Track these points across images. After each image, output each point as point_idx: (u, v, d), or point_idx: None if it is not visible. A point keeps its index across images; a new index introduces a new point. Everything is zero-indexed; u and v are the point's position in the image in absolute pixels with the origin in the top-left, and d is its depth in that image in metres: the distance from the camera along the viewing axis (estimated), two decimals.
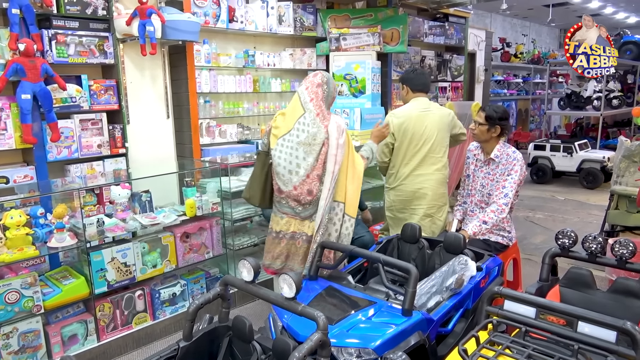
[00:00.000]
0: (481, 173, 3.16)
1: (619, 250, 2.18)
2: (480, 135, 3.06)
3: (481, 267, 2.58)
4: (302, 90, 2.78)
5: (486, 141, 3.08)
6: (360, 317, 2.14)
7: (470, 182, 3.24)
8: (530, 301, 1.83)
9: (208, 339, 1.94)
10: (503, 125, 3.02)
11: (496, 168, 3.06)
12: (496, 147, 3.07)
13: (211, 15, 4.19)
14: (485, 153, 3.13)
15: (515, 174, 2.96)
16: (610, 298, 2.16)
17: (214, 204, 3.31)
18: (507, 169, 3.00)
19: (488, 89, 8.65)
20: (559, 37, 15.04)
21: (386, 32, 5.21)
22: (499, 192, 2.96)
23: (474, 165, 3.23)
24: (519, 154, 3.06)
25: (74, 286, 2.71)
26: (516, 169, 2.97)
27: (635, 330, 1.62)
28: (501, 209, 2.92)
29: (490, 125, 3.01)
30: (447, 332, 2.33)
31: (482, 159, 3.16)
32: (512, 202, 3.05)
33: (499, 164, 3.05)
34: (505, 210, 2.92)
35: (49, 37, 3.17)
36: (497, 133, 3.04)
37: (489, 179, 3.10)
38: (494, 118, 2.99)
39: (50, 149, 3.29)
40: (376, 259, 2.35)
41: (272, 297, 1.76)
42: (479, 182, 3.16)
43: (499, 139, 3.08)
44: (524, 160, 3.06)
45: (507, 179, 2.97)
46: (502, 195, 2.95)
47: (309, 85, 2.78)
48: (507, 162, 3.01)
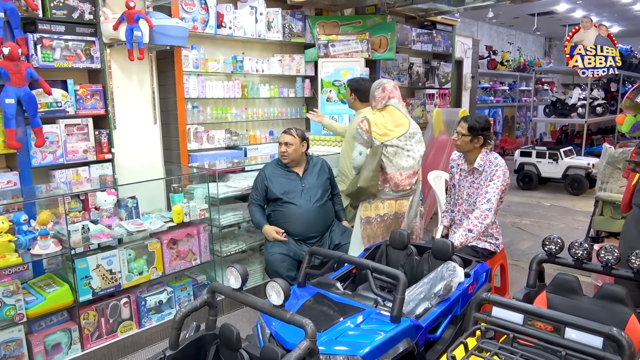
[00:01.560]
0: (466, 183, 3.18)
1: (605, 256, 2.20)
2: (463, 146, 3.08)
3: (469, 273, 2.59)
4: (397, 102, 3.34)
5: (470, 151, 3.10)
6: (348, 324, 2.12)
7: (457, 191, 3.26)
8: (518, 307, 1.83)
9: (195, 348, 1.91)
10: (485, 135, 3.05)
11: (480, 176, 3.08)
12: (479, 156, 3.09)
13: (199, 21, 4.17)
14: (469, 162, 3.15)
15: (497, 179, 2.98)
16: (596, 304, 2.18)
17: (201, 210, 3.28)
18: (489, 174, 3.02)
19: (475, 96, 8.73)
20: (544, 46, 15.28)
21: (374, 39, 5.24)
22: (481, 198, 2.98)
23: (458, 175, 3.25)
24: (501, 160, 3.07)
25: (57, 294, 2.66)
26: (498, 174, 2.99)
27: (621, 336, 1.63)
28: (484, 215, 2.92)
29: (473, 135, 3.03)
30: (435, 339, 2.32)
31: (466, 168, 3.18)
32: (497, 208, 3.05)
33: (483, 172, 3.07)
34: (488, 216, 2.92)
35: (34, 41, 3.13)
36: (480, 143, 3.06)
37: (474, 187, 3.12)
38: (477, 129, 3.01)
39: (34, 154, 3.24)
40: (365, 265, 2.35)
41: (260, 304, 1.74)
42: (465, 191, 3.18)
43: (481, 148, 3.10)
44: (507, 166, 3.08)
45: (489, 185, 2.98)
46: (484, 201, 2.96)
47: (397, 94, 3.34)
48: (489, 168, 3.04)
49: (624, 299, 2.13)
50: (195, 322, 2.02)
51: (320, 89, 4.98)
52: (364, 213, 3.28)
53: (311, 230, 3.27)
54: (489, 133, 3.07)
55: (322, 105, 4.96)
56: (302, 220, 3.25)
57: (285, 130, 3.38)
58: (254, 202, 3.37)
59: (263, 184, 3.35)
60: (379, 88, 3.42)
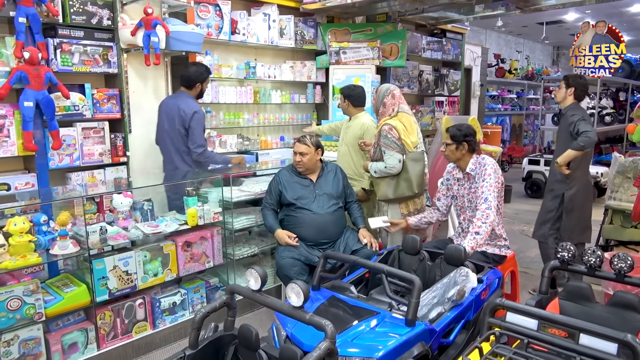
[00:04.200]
0: (464, 190, 3.25)
1: (618, 264, 2.22)
2: (451, 155, 3.19)
3: (482, 279, 2.61)
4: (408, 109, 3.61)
5: (459, 159, 3.19)
6: (363, 327, 2.16)
7: (458, 202, 3.33)
8: (532, 313, 1.85)
9: (214, 348, 1.95)
10: (469, 141, 3.13)
11: (475, 180, 3.16)
12: (470, 162, 3.17)
13: (214, 27, 4.24)
14: (462, 170, 3.23)
15: (488, 177, 3.04)
16: (609, 311, 2.20)
17: (215, 214, 3.32)
18: (481, 175, 3.09)
19: (483, 103, 8.76)
20: (552, 54, 15.29)
21: (385, 46, 5.29)
22: (479, 199, 3.05)
23: (456, 185, 3.32)
24: (489, 159, 3.15)
25: (75, 294, 2.70)
26: (488, 172, 3.06)
27: (636, 342, 1.65)
28: (486, 215, 2.97)
29: (457, 143, 3.12)
30: (448, 343, 2.35)
31: (460, 176, 3.26)
32: (500, 208, 3.12)
33: (476, 175, 3.15)
34: (490, 215, 2.97)
35: (54, 45, 3.20)
36: (466, 149, 3.14)
37: (472, 193, 3.19)
38: (459, 136, 3.11)
39: (51, 156, 3.30)
40: (380, 269, 2.38)
41: (279, 305, 1.77)
42: (466, 198, 3.24)
43: (471, 154, 3.18)
44: (497, 165, 3.15)
45: (483, 185, 3.05)
46: (482, 201, 3.02)
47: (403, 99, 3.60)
48: (481, 170, 3.12)
49: (637, 307, 2.15)
50: (214, 322, 2.05)
51: (331, 96, 5.03)
52: (405, 209, 3.55)
53: (323, 236, 3.30)
54: (473, 139, 3.15)
55: (334, 112, 5.00)
56: (314, 226, 3.28)
57: (300, 140, 3.39)
58: (268, 207, 3.41)
59: (277, 188, 3.39)
60: (388, 95, 3.50)
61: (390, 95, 3.52)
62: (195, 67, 3.69)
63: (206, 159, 3.65)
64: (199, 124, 3.55)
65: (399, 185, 3.46)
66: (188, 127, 3.53)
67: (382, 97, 3.53)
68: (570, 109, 3.85)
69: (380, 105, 3.54)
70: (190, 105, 3.56)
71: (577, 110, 3.80)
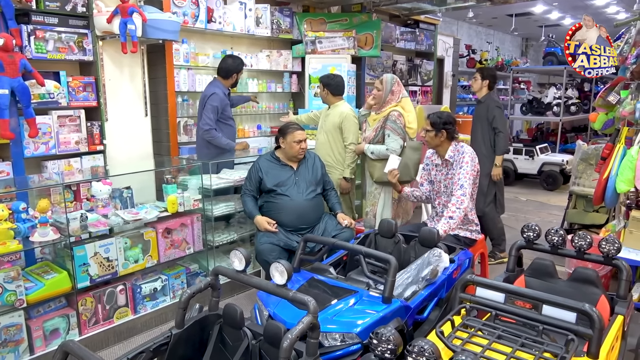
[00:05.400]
0: (441, 176, 3.39)
1: (578, 242, 2.38)
2: (431, 142, 3.33)
3: (453, 259, 2.75)
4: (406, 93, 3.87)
5: (438, 145, 3.33)
6: (342, 305, 2.26)
7: (435, 187, 3.46)
8: (500, 287, 1.99)
9: (199, 327, 2.01)
10: (448, 129, 3.27)
11: (452, 167, 3.30)
12: (449, 149, 3.31)
13: (190, 15, 4.24)
14: (441, 156, 3.37)
15: (466, 165, 3.19)
16: (570, 286, 2.36)
17: (195, 201, 3.37)
18: (459, 163, 3.24)
19: (455, 93, 8.97)
20: (521, 46, 15.66)
21: (360, 36, 5.37)
22: (455, 185, 3.20)
23: (434, 171, 3.46)
24: (467, 147, 3.30)
25: (56, 280, 2.72)
26: (466, 160, 3.20)
27: (592, 311, 1.80)
28: (460, 200, 3.13)
29: (437, 130, 3.26)
30: (422, 319, 2.47)
31: (439, 162, 3.41)
32: (473, 195, 3.29)
33: (454, 162, 3.29)
34: (464, 201, 3.12)
35: (27, 32, 3.17)
36: (444, 137, 3.28)
37: (449, 178, 3.33)
38: (439, 123, 3.26)
39: (27, 144, 3.27)
40: (358, 250, 2.49)
41: (264, 284, 1.86)
42: (442, 184, 3.39)
43: (450, 141, 3.32)
44: (475, 154, 3.30)
45: (460, 172, 3.20)
46: (458, 187, 3.17)
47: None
48: (459, 157, 3.26)
49: (595, 281, 2.32)
50: (199, 304, 2.12)
51: (307, 85, 5.09)
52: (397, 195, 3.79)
53: (302, 221, 3.39)
54: (452, 127, 3.29)
55: (310, 101, 5.07)
56: (293, 212, 3.36)
57: (295, 127, 3.46)
58: (247, 193, 3.47)
59: (257, 175, 3.45)
60: (394, 82, 3.77)
61: (396, 83, 3.79)
62: (232, 59, 4.07)
63: (211, 139, 3.91)
64: (213, 104, 3.87)
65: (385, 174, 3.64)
66: (204, 107, 3.91)
67: (391, 85, 3.75)
68: (487, 98, 4.41)
69: (389, 93, 3.74)
70: (210, 89, 3.97)
71: (492, 100, 4.40)
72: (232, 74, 4.03)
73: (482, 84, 4.41)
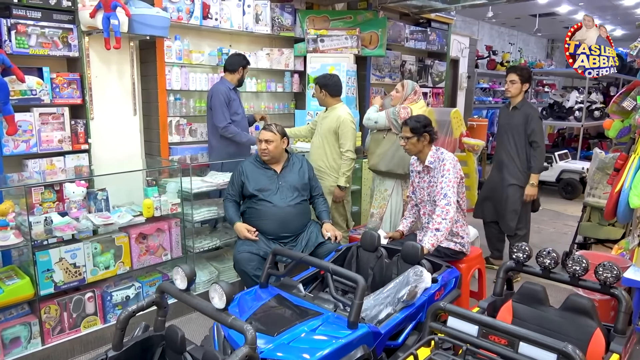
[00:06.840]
0: (424, 183, 3.21)
1: (572, 266, 2.13)
2: (413, 149, 3.13)
3: (436, 278, 2.52)
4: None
5: (420, 151, 3.14)
6: (304, 328, 2.06)
7: (418, 195, 3.27)
8: (472, 318, 1.77)
9: (140, 349, 1.85)
10: (429, 131, 3.09)
11: (434, 173, 3.12)
12: (429, 154, 3.12)
13: (184, 11, 4.10)
14: (422, 162, 3.18)
15: (447, 172, 3.00)
16: (562, 316, 2.11)
17: (173, 205, 3.22)
18: (440, 170, 3.05)
19: (472, 96, 8.62)
20: (546, 47, 15.13)
21: (365, 35, 5.15)
22: (438, 195, 3.00)
23: (417, 178, 3.27)
24: (448, 154, 3.11)
25: (17, 287, 2.60)
26: (447, 167, 3.01)
27: (575, 353, 1.56)
28: (445, 210, 2.92)
29: (418, 135, 3.07)
30: (396, 346, 2.26)
31: (420, 169, 3.22)
32: (461, 204, 3.09)
33: (435, 169, 3.10)
34: (449, 211, 2.92)
35: (7, 26, 3.07)
36: (427, 141, 3.10)
37: (431, 186, 3.14)
38: (419, 127, 3.06)
39: (6, 142, 3.18)
40: (324, 267, 2.28)
41: (203, 307, 1.68)
42: (425, 192, 3.19)
43: (430, 145, 3.14)
44: (456, 159, 3.10)
45: (442, 180, 3.01)
46: (441, 197, 2.98)
47: None
48: (439, 165, 3.07)
49: (590, 312, 2.06)
50: (145, 322, 1.96)
51: (307, 85, 4.90)
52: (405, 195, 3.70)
53: (285, 229, 3.20)
54: (432, 128, 3.11)
55: (308, 101, 4.88)
56: (275, 219, 3.18)
57: (265, 127, 3.30)
58: (229, 198, 3.30)
59: (240, 179, 3.28)
60: (415, 89, 3.75)
61: (417, 85, 3.80)
62: (237, 55, 4.13)
63: (230, 135, 3.93)
64: (218, 100, 3.87)
65: (392, 161, 3.65)
66: (211, 106, 3.93)
67: (413, 87, 3.74)
68: (524, 104, 3.95)
69: (411, 92, 3.71)
70: (213, 87, 3.99)
71: (531, 108, 3.95)
72: (238, 67, 4.01)
73: (522, 88, 3.92)
